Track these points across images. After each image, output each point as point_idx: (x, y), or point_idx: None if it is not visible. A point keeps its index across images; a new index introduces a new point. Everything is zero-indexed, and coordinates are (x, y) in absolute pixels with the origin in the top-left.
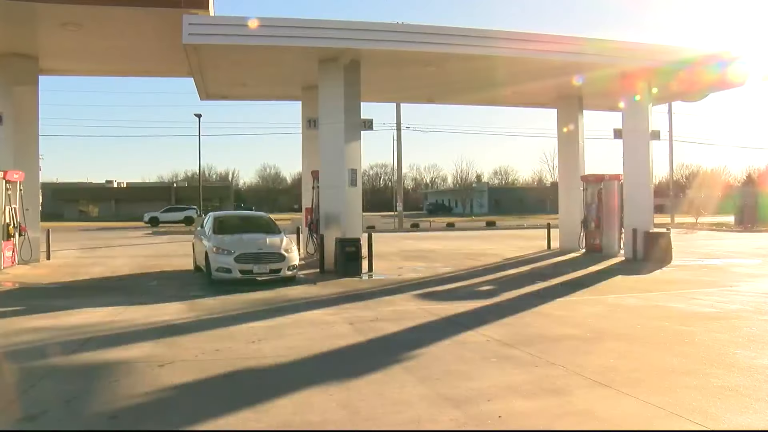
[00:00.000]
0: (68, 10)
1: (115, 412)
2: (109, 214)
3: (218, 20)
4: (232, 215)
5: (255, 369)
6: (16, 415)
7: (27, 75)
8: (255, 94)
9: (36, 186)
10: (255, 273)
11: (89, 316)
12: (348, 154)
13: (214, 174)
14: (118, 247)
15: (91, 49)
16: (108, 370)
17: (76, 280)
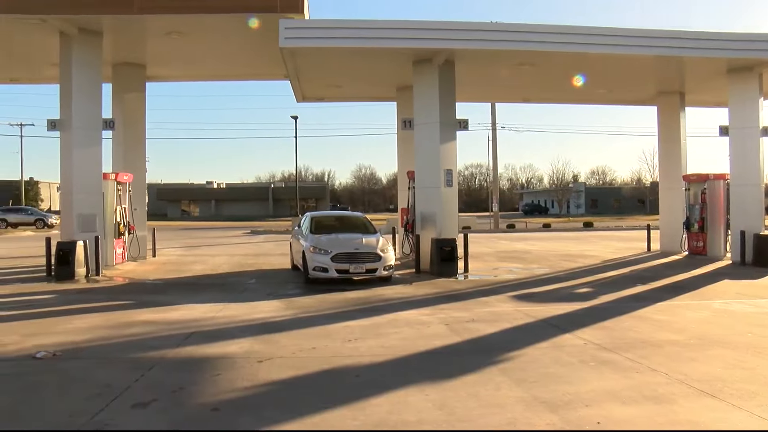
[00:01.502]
0: (173, 20)
1: (217, 404)
2: (209, 214)
3: (313, 24)
4: (329, 215)
5: (351, 367)
6: (129, 401)
7: (136, 82)
8: (350, 95)
9: (143, 187)
10: (351, 272)
11: (192, 312)
12: (443, 154)
13: (310, 174)
14: (218, 245)
15: (193, 55)
16: (210, 364)
17: (179, 276)
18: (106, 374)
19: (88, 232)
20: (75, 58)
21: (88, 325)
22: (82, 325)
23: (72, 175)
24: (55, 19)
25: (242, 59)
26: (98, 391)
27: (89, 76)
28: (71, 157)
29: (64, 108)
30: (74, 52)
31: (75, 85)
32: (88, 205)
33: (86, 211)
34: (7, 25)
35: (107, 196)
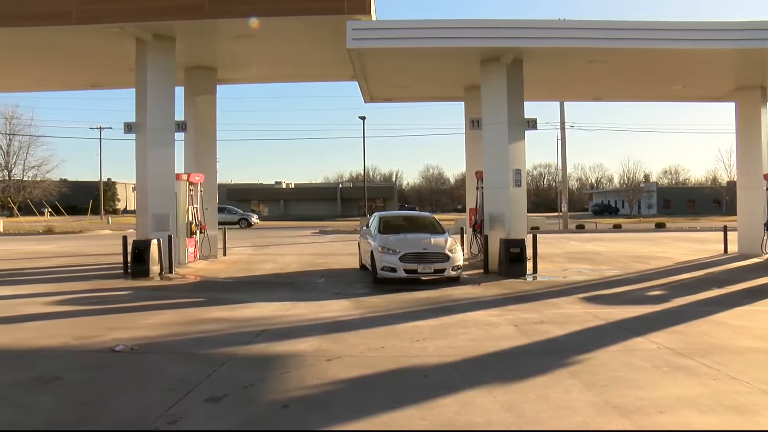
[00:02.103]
0: (242, 23)
1: (286, 401)
2: (278, 214)
3: (380, 24)
4: (397, 215)
5: (419, 367)
6: (202, 396)
7: (207, 85)
8: (417, 95)
9: (214, 187)
10: (419, 272)
11: (262, 310)
12: (512, 154)
13: (378, 175)
14: (287, 245)
15: (262, 57)
16: (279, 361)
17: (249, 275)
18: (179, 369)
19: (162, 231)
20: (150, 63)
21: (163, 321)
22: (157, 321)
23: (147, 175)
24: (132, 26)
25: (310, 61)
26: (173, 384)
27: (163, 80)
28: (146, 159)
29: (139, 111)
30: (149, 57)
31: (150, 89)
32: (161, 204)
33: (160, 211)
34: (89, 35)
35: (179, 196)
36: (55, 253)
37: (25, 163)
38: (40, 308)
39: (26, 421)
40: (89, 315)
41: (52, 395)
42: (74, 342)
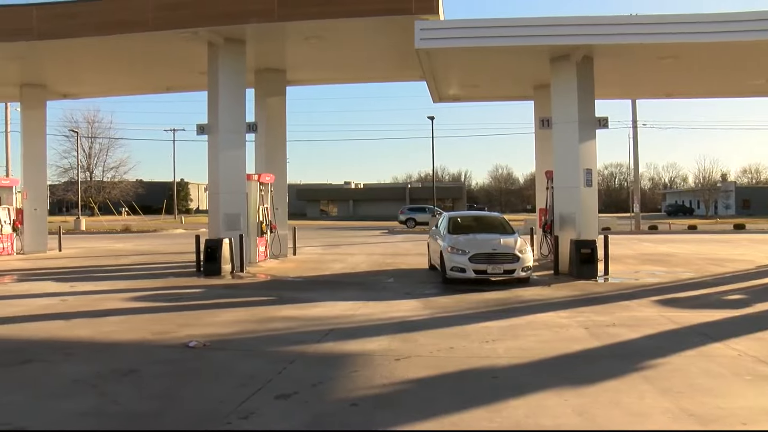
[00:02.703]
0: (311, 25)
1: (355, 399)
2: (347, 214)
3: (448, 24)
4: (467, 215)
5: (489, 368)
6: (272, 392)
7: (277, 86)
8: (486, 94)
9: (284, 187)
10: (489, 273)
11: (331, 309)
12: (582, 153)
13: (447, 175)
14: (356, 245)
15: (331, 59)
16: (349, 360)
17: (319, 275)
18: (250, 365)
19: (233, 231)
20: (221, 66)
21: (234, 319)
22: (228, 319)
23: (218, 176)
24: (205, 31)
25: (379, 61)
26: (244, 381)
27: (234, 83)
28: (218, 159)
29: (211, 113)
30: (220, 60)
31: (221, 91)
32: (233, 204)
33: (231, 211)
34: (164, 39)
35: (251, 196)
36: (132, 251)
37: (104, 164)
38: (119, 304)
39: (108, 409)
40: (164, 311)
41: (131, 386)
42: (150, 337)
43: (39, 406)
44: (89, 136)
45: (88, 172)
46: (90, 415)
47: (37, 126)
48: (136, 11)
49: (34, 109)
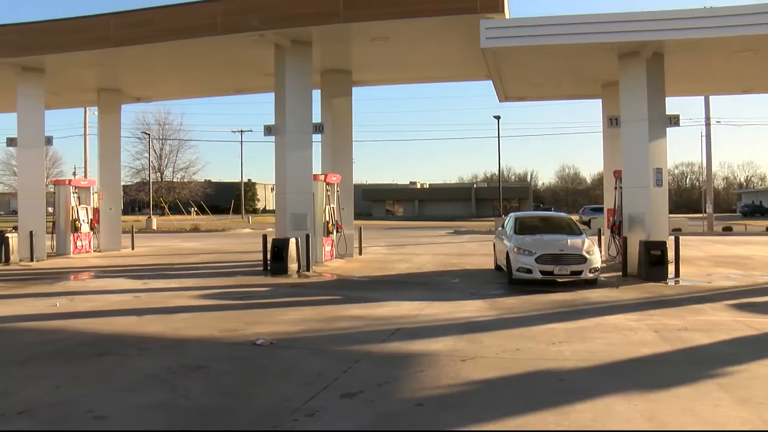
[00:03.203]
0: (377, 26)
1: (420, 400)
2: (413, 214)
3: (514, 23)
4: (533, 216)
5: (555, 371)
6: (338, 391)
7: (342, 87)
8: (553, 93)
9: (350, 187)
10: (555, 274)
11: (397, 309)
12: (652, 152)
13: (512, 175)
14: (422, 245)
15: (396, 59)
16: (414, 360)
17: (385, 274)
18: (316, 364)
19: (300, 230)
20: (288, 67)
21: (301, 317)
22: (295, 317)
23: (285, 176)
24: (272, 33)
25: (444, 61)
26: (310, 379)
27: (300, 84)
28: (285, 160)
29: (278, 114)
30: (287, 62)
31: (288, 92)
32: (299, 204)
33: (298, 211)
34: (232, 43)
35: (317, 196)
36: (200, 250)
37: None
38: (189, 301)
39: (179, 403)
40: (232, 309)
41: (200, 382)
42: (219, 334)
43: (115, 397)
44: (160, 137)
45: (159, 172)
46: (162, 408)
47: (112, 129)
48: (205, 16)
49: (110, 112)
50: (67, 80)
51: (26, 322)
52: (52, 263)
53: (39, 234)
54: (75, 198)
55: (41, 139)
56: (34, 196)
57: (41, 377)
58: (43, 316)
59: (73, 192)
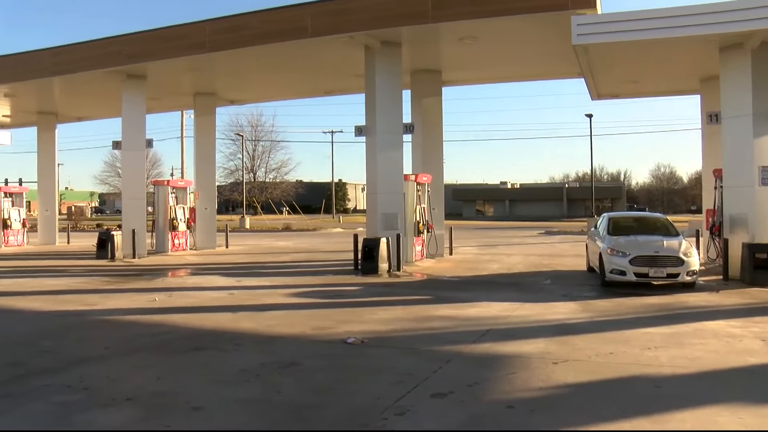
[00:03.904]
0: (466, 26)
1: (511, 402)
2: (503, 214)
3: (606, 18)
4: (627, 216)
5: (651, 377)
6: (428, 391)
7: (432, 87)
8: (648, 90)
9: (440, 187)
10: (651, 277)
11: (487, 310)
12: (758, 149)
13: (605, 174)
14: (513, 245)
15: (486, 58)
16: (505, 361)
17: (475, 275)
18: (407, 363)
19: (390, 230)
20: (378, 68)
21: (391, 317)
22: (385, 316)
23: (376, 176)
24: (361, 35)
25: (534, 59)
26: (400, 378)
27: (390, 85)
28: (375, 160)
29: (369, 115)
30: (377, 63)
31: (378, 93)
32: (390, 204)
33: (389, 210)
34: (322, 45)
35: (408, 196)
36: (292, 249)
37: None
38: (281, 299)
39: (272, 398)
40: (323, 308)
41: (293, 378)
42: (310, 332)
43: (211, 390)
44: (253, 139)
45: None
46: (255, 403)
47: (207, 131)
48: (296, 19)
49: (205, 115)
50: (165, 85)
51: (130, 316)
52: (151, 260)
53: (140, 232)
54: (173, 198)
55: (143, 142)
56: (136, 196)
57: (145, 368)
58: (145, 310)
59: (171, 192)
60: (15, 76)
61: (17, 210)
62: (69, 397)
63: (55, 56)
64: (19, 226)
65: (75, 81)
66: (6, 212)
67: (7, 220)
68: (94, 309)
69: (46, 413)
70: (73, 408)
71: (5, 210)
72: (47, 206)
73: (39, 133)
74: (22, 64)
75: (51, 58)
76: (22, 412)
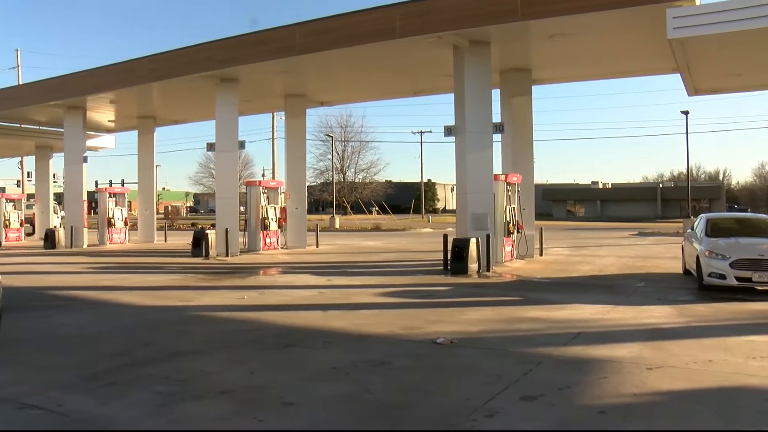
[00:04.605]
0: (556, 22)
1: (603, 407)
2: (595, 214)
3: (704, 8)
4: (727, 217)
5: (757, 389)
6: (518, 393)
7: (522, 86)
8: (752, 83)
9: (530, 187)
10: (754, 281)
11: (578, 312)
12: None
13: (702, 173)
14: (605, 246)
15: (576, 56)
16: (596, 365)
17: (565, 276)
18: (496, 365)
19: (480, 230)
20: (467, 68)
21: (481, 318)
22: (475, 317)
23: (466, 176)
24: (449, 35)
25: (627, 55)
26: (489, 380)
27: (480, 84)
28: (465, 160)
29: (458, 115)
30: (466, 62)
31: (467, 93)
32: (480, 204)
33: (478, 211)
34: (410, 46)
35: (497, 196)
36: (381, 249)
37: (356, 166)
38: (370, 298)
39: (362, 396)
40: (412, 307)
41: (382, 377)
42: (399, 331)
43: (302, 386)
44: (342, 140)
45: (342, 173)
46: (346, 400)
47: (298, 132)
48: (384, 21)
49: (296, 116)
50: (257, 88)
51: (223, 312)
52: (243, 259)
53: (233, 231)
54: (264, 198)
55: (235, 143)
56: (229, 196)
57: (238, 362)
58: (238, 307)
59: (263, 192)
60: (118, 83)
61: (120, 209)
62: (168, 388)
63: (152, 63)
64: (122, 225)
65: (171, 86)
66: (110, 212)
67: (111, 219)
68: (190, 305)
69: (149, 401)
70: (172, 398)
71: (109, 209)
72: (146, 206)
73: (139, 136)
74: (124, 72)
75: (149, 65)
76: (128, 399)
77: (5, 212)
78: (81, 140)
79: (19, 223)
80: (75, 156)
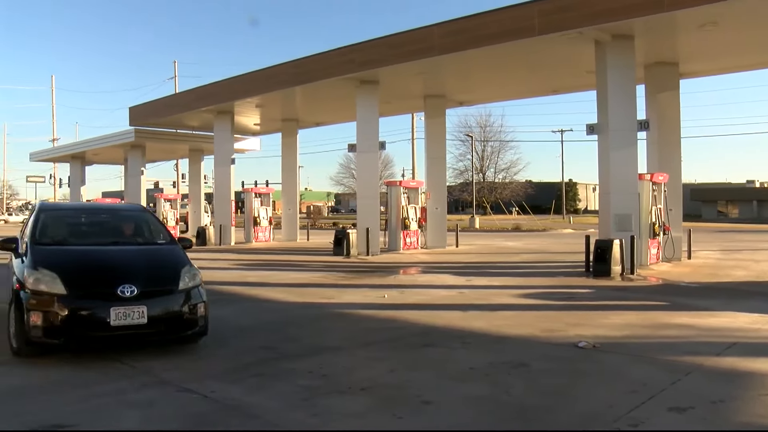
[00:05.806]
0: (704, 11)
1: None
2: (750, 216)
3: None
4: None
5: None
6: (665, 404)
7: (668, 81)
8: None
9: (678, 187)
10: None
11: (732, 321)
12: None
13: None
14: (762, 250)
15: (728, 45)
16: (756, 380)
17: (716, 281)
18: (641, 372)
19: (624, 232)
20: (609, 63)
21: (624, 322)
22: (617, 321)
23: (609, 176)
24: (591, 29)
25: None
26: (634, 387)
27: (623, 80)
28: (608, 159)
29: (600, 112)
30: (608, 58)
31: (610, 89)
32: (623, 205)
33: (622, 211)
34: (549, 43)
35: (642, 196)
36: (521, 249)
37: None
38: (510, 299)
39: (500, 398)
40: (553, 310)
41: (521, 379)
42: (539, 334)
43: (440, 385)
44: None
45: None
46: (484, 401)
47: (438, 132)
48: (522, 19)
49: (435, 117)
50: (396, 89)
51: (364, 310)
52: (384, 258)
53: (374, 231)
54: (405, 198)
55: (376, 144)
56: (370, 195)
57: (378, 360)
58: (378, 306)
59: (403, 192)
60: (264, 88)
61: (265, 209)
62: (311, 382)
63: (296, 68)
64: (267, 224)
65: (314, 89)
66: (256, 211)
67: (257, 218)
68: (332, 302)
69: (293, 394)
70: (315, 392)
71: (255, 209)
72: (290, 205)
73: (283, 138)
74: (268, 78)
75: (292, 70)
76: (273, 390)
77: (163, 211)
78: (229, 143)
79: (174, 221)
80: (224, 158)
